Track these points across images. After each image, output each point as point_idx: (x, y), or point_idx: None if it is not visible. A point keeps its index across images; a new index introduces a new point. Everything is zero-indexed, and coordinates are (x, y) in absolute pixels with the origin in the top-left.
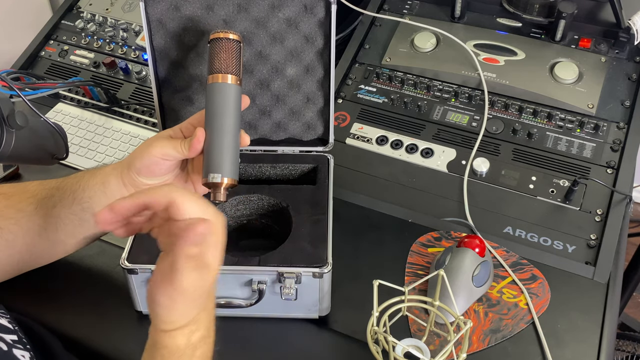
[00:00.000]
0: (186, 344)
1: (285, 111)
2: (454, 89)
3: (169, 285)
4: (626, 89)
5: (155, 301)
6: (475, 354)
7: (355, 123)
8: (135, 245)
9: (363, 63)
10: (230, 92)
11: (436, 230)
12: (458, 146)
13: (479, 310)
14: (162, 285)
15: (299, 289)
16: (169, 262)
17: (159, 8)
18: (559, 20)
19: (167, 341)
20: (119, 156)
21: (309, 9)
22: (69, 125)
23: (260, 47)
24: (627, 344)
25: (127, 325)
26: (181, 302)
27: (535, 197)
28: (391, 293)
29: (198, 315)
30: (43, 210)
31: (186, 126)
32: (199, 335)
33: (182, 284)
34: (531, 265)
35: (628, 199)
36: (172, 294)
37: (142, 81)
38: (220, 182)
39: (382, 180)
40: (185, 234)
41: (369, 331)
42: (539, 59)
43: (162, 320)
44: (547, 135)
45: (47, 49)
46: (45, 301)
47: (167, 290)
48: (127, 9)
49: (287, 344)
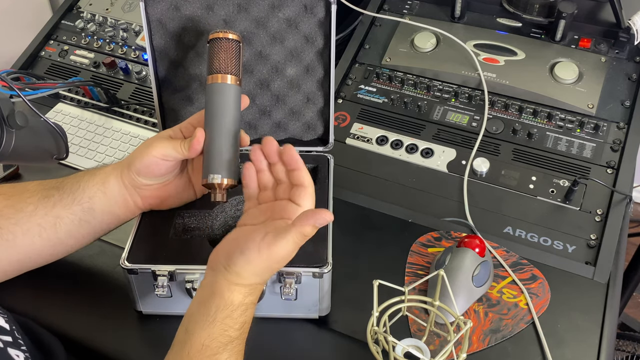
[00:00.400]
0: (240, 302)
1: (285, 111)
2: (454, 89)
3: (267, 247)
4: (626, 89)
5: (244, 253)
6: (475, 354)
7: (355, 123)
8: (135, 245)
9: (363, 63)
10: (230, 92)
11: (436, 230)
12: (458, 146)
13: (479, 310)
14: (261, 243)
15: (299, 289)
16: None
17: (159, 8)
18: (559, 20)
19: (226, 292)
20: (119, 156)
21: (309, 9)
22: (69, 125)
23: (260, 47)
24: (627, 344)
25: (127, 325)
26: (264, 264)
27: (535, 197)
28: (391, 293)
29: (262, 282)
30: (43, 211)
31: (186, 126)
32: (250, 299)
33: (280, 251)
34: (531, 265)
35: (628, 199)
36: (264, 254)
37: (142, 81)
38: (220, 182)
39: (382, 180)
40: (312, 215)
41: (369, 331)
42: (539, 59)
43: (236, 271)
44: (547, 135)
45: (47, 49)
46: (45, 301)
47: (262, 249)
48: (127, 9)
49: (287, 344)
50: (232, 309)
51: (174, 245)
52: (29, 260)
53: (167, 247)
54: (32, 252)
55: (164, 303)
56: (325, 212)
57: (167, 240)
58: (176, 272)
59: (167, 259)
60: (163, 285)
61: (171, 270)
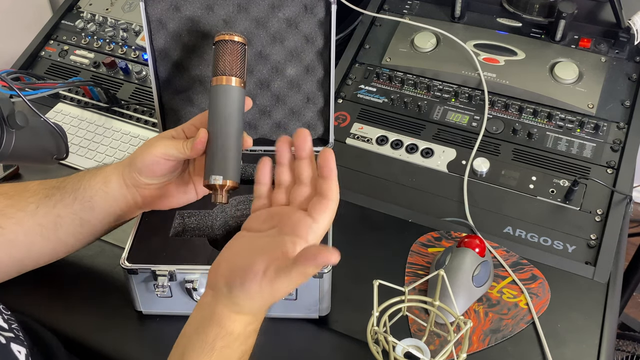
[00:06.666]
0: (240, 332)
1: (285, 111)
2: (454, 89)
3: (269, 283)
4: (626, 89)
5: (245, 286)
6: (475, 354)
7: (356, 123)
8: (135, 245)
9: (363, 63)
10: (234, 94)
11: (436, 230)
12: (458, 146)
13: (479, 310)
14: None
15: (299, 289)
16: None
17: (159, 8)
18: (559, 20)
19: (226, 321)
20: (119, 156)
21: (309, 9)
22: (69, 125)
23: (260, 47)
24: (627, 344)
25: (127, 325)
26: (265, 301)
27: (535, 197)
28: (391, 293)
29: (264, 311)
30: (44, 210)
31: (188, 127)
32: (252, 328)
33: (282, 288)
34: (531, 265)
35: (628, 199)
36: (265, 291)
37: (142, 81)
38: (222, 184)
39: (382, 180)
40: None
41: (369, 331)
42: (539, 59)
43: (237, 302)
44: (547, 135)
45: (47, 49)
46: (45, 301)
47: (264, 286)
48: (127, 9)
49: (287, 344)
50: (232, 339)
51: (174, 245)
52: (30, 259)
53: (167, 247)
54: (33, 251)
55: (164, 303)
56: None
57: (167, 240)
58: (176, 272)
59: (167, 259)
60: (163, 285)
61: (171, 270)
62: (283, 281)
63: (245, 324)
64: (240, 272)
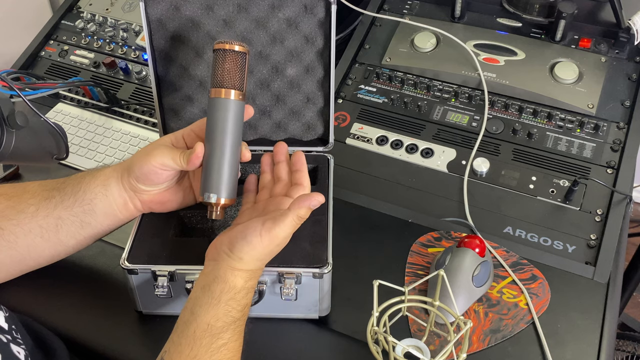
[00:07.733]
0: (242, 286)
1: (285, 111)
2: (454, 89)
3: (268, 231)
4: (626, 89)
5: (247, 239)
6: (475, 354)
7: (355, 123)
8: (135, 245)
9: (363, 63)
10: (232, 108)
11: (436, 230)
12: (458, 146)
13: (479, 310)
14: (262, 229)
15: (299, 289)
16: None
17: (159, 8)
18: (559, 20)
19: (229, 277)
20: (119, 156)
21: (309, 9)
22: (69, 125)
23: (260, 47)
24: (627, 344)
25: (127, 325)
26: (266, 249)
27: (535, 197)
28: (391, 293)
29: (261, 267)
30: (44, 212)
31: (188, 133)
32: (251, 284)
33: (280, 234)
34: (531, 266)
35: (628, 199)
36: (265, 239)
37: (142, 81)
38: (216, 202)
39: (382, 180)
40: (307, 198)
41: (369, 331)
42: (539, 59)
43: (239, 257)
44: (547, 135)
45: (47, 49)
46: (45, 301)
47: (264, 234)
48: (127, 9)
49: (287, 344)
50: (235, 292)
51: (174, 245)
52: (30, 260)
53: (167, 247)
54: (33, 252)
55: (164, 303)
56: (318, 195)
57: (167, 241)
58: (176, 272)
59: (167, 259)
60: (163, 286)
61: (171, 270)
62: (281, 227)
63: (246, 279)
64: (241, 231)
